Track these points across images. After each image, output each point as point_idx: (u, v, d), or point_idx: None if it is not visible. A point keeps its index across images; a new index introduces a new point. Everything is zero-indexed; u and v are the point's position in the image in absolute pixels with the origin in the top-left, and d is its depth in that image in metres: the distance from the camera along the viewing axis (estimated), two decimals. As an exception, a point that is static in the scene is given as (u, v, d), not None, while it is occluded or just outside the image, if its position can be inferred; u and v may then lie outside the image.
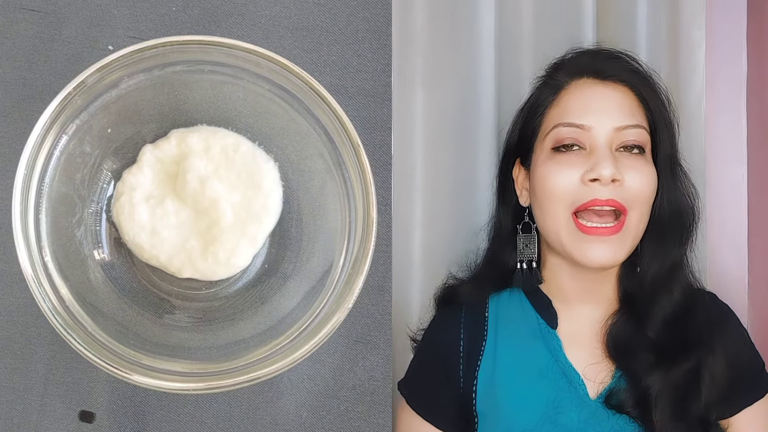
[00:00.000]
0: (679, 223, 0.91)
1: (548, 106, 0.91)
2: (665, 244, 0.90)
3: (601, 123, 0.86)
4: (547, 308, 0.91)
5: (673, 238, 0.90)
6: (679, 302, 0.89)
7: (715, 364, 0.86)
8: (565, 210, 0.86)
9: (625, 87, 0.89)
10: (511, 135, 0.96)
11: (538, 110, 0.92)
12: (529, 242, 0.93)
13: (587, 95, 0.89)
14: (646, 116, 0.89)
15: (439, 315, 0.96)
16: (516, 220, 0.94)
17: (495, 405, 0.88)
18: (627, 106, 0.88)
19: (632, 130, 0.87)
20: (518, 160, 0.94)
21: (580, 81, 0.90)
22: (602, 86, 0.89)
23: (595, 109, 0.87)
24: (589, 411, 0.86)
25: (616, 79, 0.89)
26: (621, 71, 0.90)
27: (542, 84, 0.94)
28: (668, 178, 0.90)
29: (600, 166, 0.84)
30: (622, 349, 0.87)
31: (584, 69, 0.90)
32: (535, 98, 0.93)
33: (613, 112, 0.87)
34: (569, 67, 0.92)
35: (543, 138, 0.90)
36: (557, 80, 0.91)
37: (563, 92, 0.90)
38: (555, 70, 0.93)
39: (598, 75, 0.89)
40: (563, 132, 0.88)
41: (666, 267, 0.89)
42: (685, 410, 0.85)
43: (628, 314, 0.89)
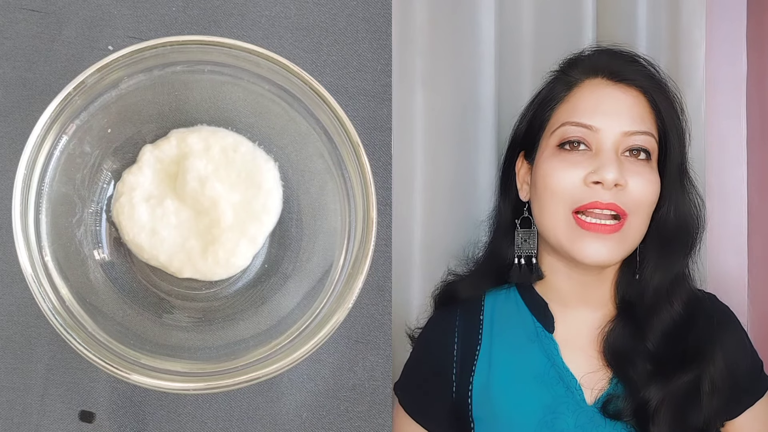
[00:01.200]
0: (685, 234, 0.90)
1: (559, 101, 0.90)
2: (670, 255, 0.89)
3: (610, 126, 0.86)
4: (544, 311, 0.90)
5: (678, 249, 0.90)
6: (679, 314, 0.88)
7: (715, 372, 0.85)
8: (564, 209, 0.86)
9: (638, 92, 0.88)
10: (519, 126, 0.95)
11: (548, 104, 0.91)
12: (528, 237, 0.92)
13: (599, 96, 0.88)
14: (656, 123, 0.88)
15: (434, 317, 0.96)
16: (515, 214, 0.94)
17: (491, 410, 0.87)
18: (638, 111, 0.87)
19: (640, 136, 0.86)
20: (522, 154, 0.94)
21: (595, 80, 0.89)
22: (615, 88, 0.88)
23: (605, 110, 0.87)
24: (586, 417, 0.85)
25: (631, 82, 0.88)
26: (636, 75, 0.89)
27: (555, 78, 0.93)
28: (677, 187, 0.89)
29: (604, 169, 0.84)
30: (619, 357, 0.87)
31: (600, 68, 0.89)
32: (547, 92, 0.92)
33: (623, 115, 0.86)
34: (585, 65, 0.91)
35: (550, 134, 0.89)
36: (571, 77, 0.91)
37: (576, 89, 0.89)
38: (570, 66, 0.92)
39: (613, 76, 0.89)
40: (570, 130, 0.87)
41: (669, 278, 0.89)
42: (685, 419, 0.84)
43: (626, 322, 0.88)
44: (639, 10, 1.10)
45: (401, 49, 1.04)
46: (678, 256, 0.89)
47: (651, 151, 0.87)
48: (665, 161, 0.89)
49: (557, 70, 0.94)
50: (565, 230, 0.85)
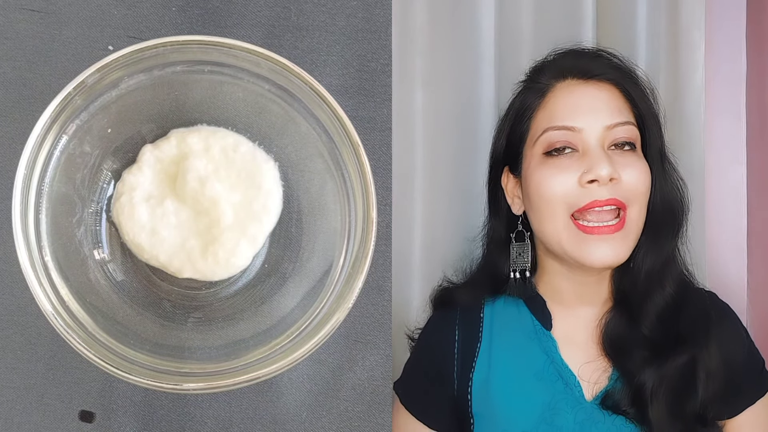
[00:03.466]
0: (672, 217, 0.91)
1: (535, 109, 0.90)
2: (659, 239, 0.89)
3: (591, 123, 0.86)
4: (542, 309, 0.90)
5: (666, 232, 0.90)
6: (671, 296, 0.88)
7: (710, 360, 0.86)
8: (563, 213, 0.86)
9: (611, 85, 0.88)
10: (497, 143, 0.95)
11: (525, 115, 0.90)
12: (522, 251, 0.92)
13: (574, 96, 0.88)
14: (633, 112, 0.89)
15: (435, 316, 0.96)
16: (508, 228, 0.94)
17: (491, 407, 0.88)
18: (614, 103, 0.87)
19: (622, 127, 0.87)
20: (506, 168, 0.94)
21: (565, 82, 0.89)
22: (588, 86, 0.88)
23: (583, 109, 0.87)
24: (586, 413, 0.85)
25: (601, 77, 0.88)
26: (605, 69, 0.89)
27: (525, 88, 0.92)
28: (659, 172, 0.90)
29: (596, 166, 0.84)
30: (617, 346, 0.87)
31: (568, 70, 0.89)
32: (519, 103, 0.92)
33: (601, 110, 0.87)
34: (552, 69, 0.91)
35: (533, 143, 0.89)
36: (541, 83, 0.90)
37: (549, 95, 0.89)
38: (537, 73, 0.92)
39: (583, 75, 0.89)
40: (554, 135, 0.87)
41: (660, 262, 0.89)
42: (682, 408, 0.85)
43: (622, 311, 0.89)
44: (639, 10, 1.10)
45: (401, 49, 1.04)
46: (667, 239, 0.90)
47: (635, 141, 0.88)
48: (646, 148, 0.89)
49: (524, 80, 0.93)
50: (568, 237, 0.86)
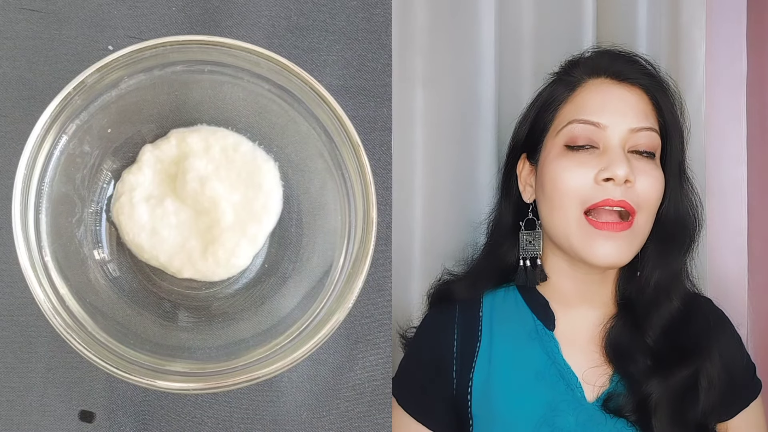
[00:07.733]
0: (683, 231, 0.91)
1: (563, 101, 0.90)
2: (669, 252, 0.89)
3: (617, 123, 0.86)
4: (544, 309, 0.90)
5: (677, 245, 0.90)
6: (678, 310, 0.89)
7: (712, 369, 0.86)
8: (576, 208, 0.86)
9: (641, 90, 0.89)
10: (520, 128, 0.95)
11: (552, 105, 0.91)
12: (533, 239, 0.92)
13: (604, 94, 0.88)
14: (658, 120, 0.89)
15: (432, 313, 0.95)
16: (517, 215, 0.94)
17: (491, 407, 0.87)
18: (642, 108, 0.88)
19: (646, 132, 0.87)
20: (524, 155, 0.94)
21: (598, 80, 0.90)
22: (618, 87, 0.89)
23: (611, 108, 0.87)
24: (587, 414, 0.85)
25: (633, 81, 0.89)
26: (638, 74, 0.90)
27: (557, 80, 0.93)
28: (676, 184, 0.90)
29: (615, 165, 0.84)
30: (620, 353, 0.87)
31: (602, 69, 0.90)
32: (548, 93, 0.92)
33: (628, 113, 0.87)
34: (587, 66, 0.91)
35: (555, 134, 0.89)
36: (574, 77, 0.91)
37: (579, 89, 0.90)
38: (571, 67, 0.93)
39: (616, 76, 0.89)
40: (578, 128, 0.87)
41: (669, 275, 0.89)
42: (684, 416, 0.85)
43: (626, 319, 0.89)
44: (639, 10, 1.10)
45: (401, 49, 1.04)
46: (677, 254, 0.90)
47: (655, 149, 0.88)
48: (666, 159, 0.89)
49: (558, 71, 0.94)
50: (577, 231, 0.86)
